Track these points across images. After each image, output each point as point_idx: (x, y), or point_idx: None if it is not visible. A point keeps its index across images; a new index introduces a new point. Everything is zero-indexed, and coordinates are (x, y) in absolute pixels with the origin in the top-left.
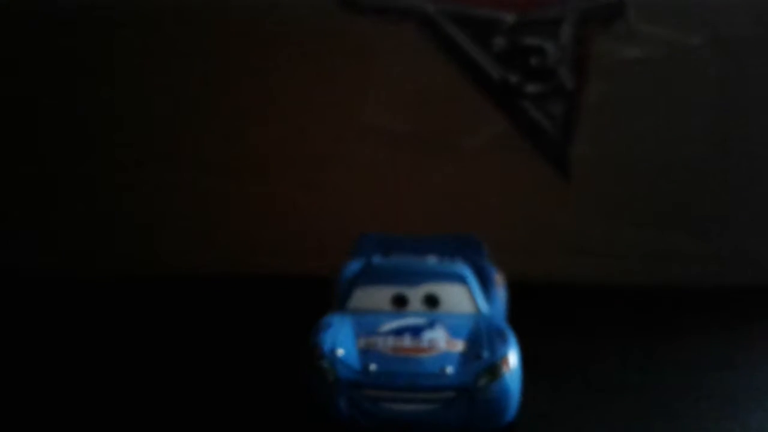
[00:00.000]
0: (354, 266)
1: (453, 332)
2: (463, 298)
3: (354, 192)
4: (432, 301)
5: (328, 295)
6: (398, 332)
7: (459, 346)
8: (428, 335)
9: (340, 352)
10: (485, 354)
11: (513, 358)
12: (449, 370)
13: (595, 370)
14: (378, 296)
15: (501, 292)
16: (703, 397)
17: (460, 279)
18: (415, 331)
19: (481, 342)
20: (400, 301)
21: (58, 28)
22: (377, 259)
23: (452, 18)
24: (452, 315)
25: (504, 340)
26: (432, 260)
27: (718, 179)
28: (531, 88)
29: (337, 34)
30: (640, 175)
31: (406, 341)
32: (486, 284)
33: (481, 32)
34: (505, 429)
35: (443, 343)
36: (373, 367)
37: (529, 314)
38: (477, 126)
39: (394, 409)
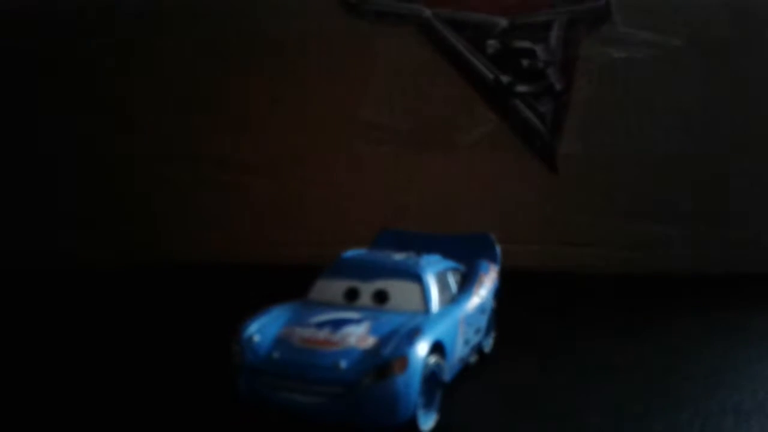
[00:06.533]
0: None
1: (375, 329)
2: (412, 296)
3: (355, 185)
4: (381, 297)
5: None
6: (322, 324)
7: (369, 342)
8: (347, 330)
9: (256, 338)
10: (384, 352)
11: (415, 359)
12: (342, 365)
13: (584, 352)
14: (333, 288)
15: (487, 287)
16: (685, 377)
17: (415, 277)
18: (338, 325)
19: (390, 340)
20: (352, 295)
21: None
22: (349, 253)
23: (448, 22)
24: (392, 312)
25: (410, 340)
26: (398, 257)
27: (699, 172)
28: (522, 88)
29: (339, 36)
30: (625, 169)
31: (322, 334)
32: (469, 282)
33: (476, 35)
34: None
35: (355, 338)
36: (275, 355)
37: (521, 300)
38: (472, 123)
39: (288, 398)
